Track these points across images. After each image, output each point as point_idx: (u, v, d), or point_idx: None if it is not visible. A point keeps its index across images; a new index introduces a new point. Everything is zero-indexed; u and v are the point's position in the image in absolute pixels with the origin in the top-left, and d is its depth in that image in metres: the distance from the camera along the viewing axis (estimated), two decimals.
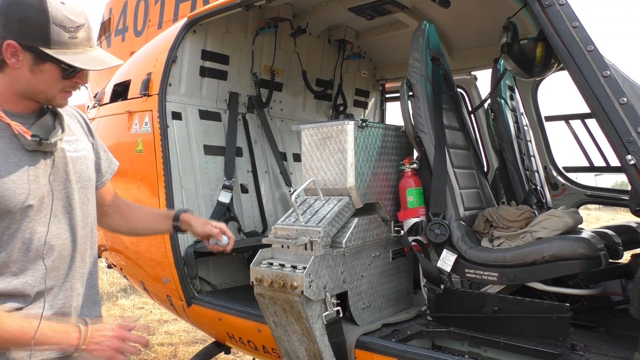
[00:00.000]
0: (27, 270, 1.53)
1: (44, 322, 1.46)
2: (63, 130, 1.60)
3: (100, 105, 4.03)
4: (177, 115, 3.44)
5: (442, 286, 2.43)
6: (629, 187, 2.00)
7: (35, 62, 1.46)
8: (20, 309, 1.52)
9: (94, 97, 4.28)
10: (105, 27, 5.19)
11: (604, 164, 3.94)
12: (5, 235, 1.49)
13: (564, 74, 2.19)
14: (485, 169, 4.10)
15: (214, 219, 3.42)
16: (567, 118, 4.09)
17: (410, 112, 2.67)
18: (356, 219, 2.41)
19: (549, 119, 4.22)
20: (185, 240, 3.33)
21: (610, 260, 2.50)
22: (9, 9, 1.44)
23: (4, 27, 1.44)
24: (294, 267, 2.17)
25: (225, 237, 2.05)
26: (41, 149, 1.53)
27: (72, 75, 1.52)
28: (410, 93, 2.70)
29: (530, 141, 3.75)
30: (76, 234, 1.65)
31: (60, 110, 1.64)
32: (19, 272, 1.52)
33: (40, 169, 1.55)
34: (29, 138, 1.49)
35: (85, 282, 1.71)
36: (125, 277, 4.33)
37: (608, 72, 1.95)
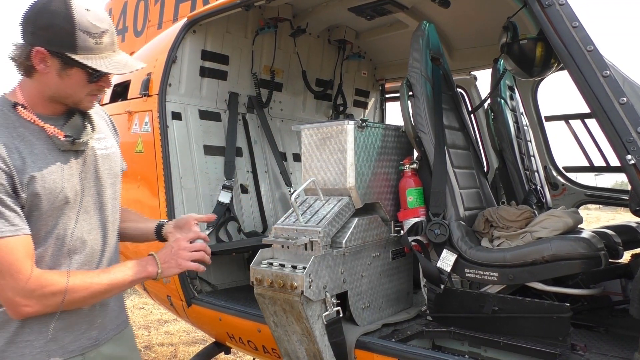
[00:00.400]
0: (62, 264, 1.63)
1: (121, 266, 1.67)
2: (93, 129, 1.69)
3: (100, 105, 4.03)
4: (177, 116, 3.44)
5: (442, 286, 2.42)
6: (629, 187, 2.00)
7: (62, 68, 1.52)
8: None
9: None
10: None
11: (604, 164, 3.94)
12: (42, 231, 1.58)
13: (564, 74, 2.19)
14: (485, 169, 4.10)
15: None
16: (567, 118, 4.10)
17: (410, 112, 2.67)
18: (356, 219, 2.41)
19: (548, 118, 4.22)
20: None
21: (610, 260, 2.50)
22: (37, 17, 1.50)
23: (32, 34, 1.50)
24: (294, 267, 2.17)
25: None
26: (74, 148, 1.62)
27: (98, 79, 1.58)
28: (410, 93, 2.70)
29: (530, 141, 3.75)
30: (107, 228, 1.75)
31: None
32: (53, 266, 1.61)
33: (73, 168, 1.64)
34: (63, 138, 1.58)
35: None
36: None
37: (608, 72, 1.95)
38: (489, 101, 3.50)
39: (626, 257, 2.82)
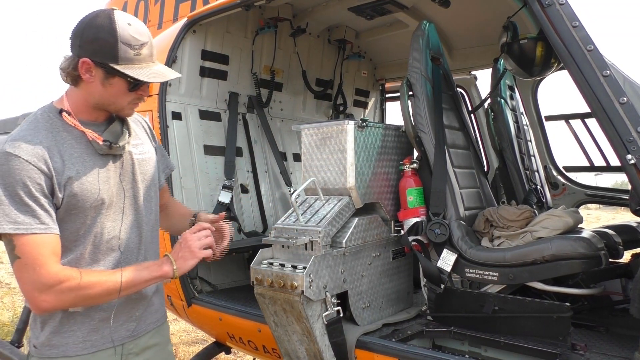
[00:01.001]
0: (100, 261, 1.74)
1: (136, 267, 1.73)
2: (130, 135, 1.81)
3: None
4: (177, 115, 3.44)
5: (442, 286, 2.43)
6: (629, 187, 2.00)
7: (105, 77, 1.65)
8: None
9: None
10: None
11: (604, 164, 3.94)
12: (81, 230, 1.70)
13: (564, 74, 2.19)
14: (485, 169, 4.10)
15: None
16: (567, 118, 4.10)
17: (410, 111, 2.67)
18: (356, 218, 2.41)
19: (549, 118, 4.22)
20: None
21: (610, 260, 2.50)
22: (84, 31, 1.64)
23: (79, 47, 1.64)
24: (294, 267, 2.17)
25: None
26: (111, 152, 1.74)
27: (137, 88, 1.71)
28: (410, 93, 2.70)
29: (530, 141, 3.75)
30: (142, 228, 1.85)
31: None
32: (92, 263, 1.73)
33: (111, 171, 1.76)
34: (101, 143, 1.70)
35: None
36: None
37: (608, 71, 1.95)
38: (489, 101, 3.50)
39: (626, 256, 2.81)
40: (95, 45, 1.62)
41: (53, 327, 1.71)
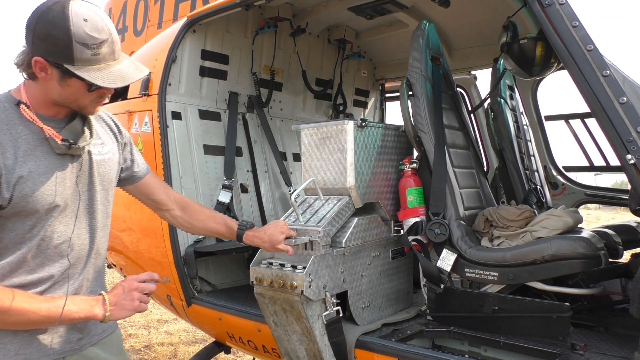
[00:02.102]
0: (45, 266, 1.62)
1: (68, 300, 1.57)
2: (92, 135, 1.67)
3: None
4: (176, 115, 3.44)
5: (442, 286, 2.43)
6: (629, 187, 2.00)
7: (62, 77, 1.52)
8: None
9: None
10: None
11: (603, 164, 3.94)
12: (28, 233, 1.57)
13: (564, 74, 2.19)
14: (485, 169, 4.10)
15: None
16: (567, 117, 4.09)
17: (410, 111, 2.67)
18: (356, 218, 2.41)
19: (548, 118, 4.22)
20: (185, 240, 3.33)
21: (610, 260, 2.50)
22: (35, 27, 1.48)
23: (32, 43, 1.50)
24: (294, 267, 2.17)
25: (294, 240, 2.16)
26: (70, 152, 1.61)
27: (97, 88, 1.56)
28: (410, 93, 2.70)
29: (530, 141, 3.75)
30: (95, 233, 1.74)
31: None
32: (36, 268, 1.60)
33: (67, 172, 1.63)
34: (59, 142, 1.56)
35: (97, 272, 1.81)
36: (125, 277, 4.33)
37: (608, 71, 1.95)
38: (488, 101, 3.50)
39: (626, 256, 2.82)
40: (48, 43, 1.47)
41: None
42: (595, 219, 17.15)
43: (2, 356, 1.54)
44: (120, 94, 3.79)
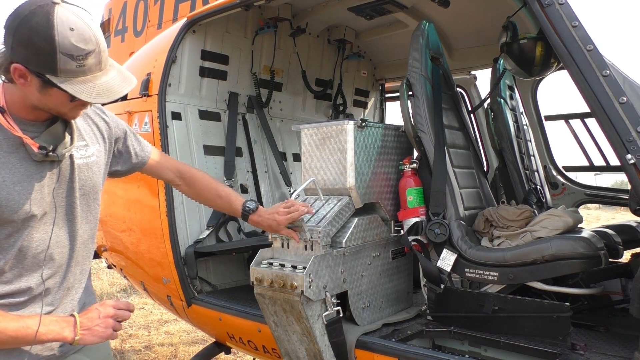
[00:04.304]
0: (23, 276, 1.56)
1: (40, 318, 1.49)
2: (72, 141, 1.59)
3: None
4: (176, 116, 3.44)
5: (442, 286, 2.43)
6: (629, 187, 2.00)
7: (42, 86, 1.43)
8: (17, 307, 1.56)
9: None
10: (104, 28, 5.19)
11: (603, 164, 3.94)
12: (5, 243, 1.51)
13: (564, 74, 2.19)
14: (485, 169, 4.10)
15: (214, 219, 3.44)
16: (566, 117, 4.10)
17: (410, 111, 2.67)
18: (356, 218, 2.41)
19: (548, 118, 4.22)
20: (186, 241, 3.33)
21: (610, 260, 2.50)
22: (16, 31, 1.37)
23: (12, 49, 1.39)
24: (294, 267, 2.17)
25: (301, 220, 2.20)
26: (47, 159, 1.54)
27: (79, 99, 1.47)
28: (410, 93, 2.70)
29: (530, 140, 3.75)
30: (75, 241, 1.67)
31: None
32: (13, 279, 1.54)
33: (45, 178, 1.56)
34: (36, 150, 1.49)
35: (80, 280, 1.75)
36: (125, 277, 4.33)
37: (607, 71, 1.95)
38: (488, 101, 3.50)
39: (626, 256, 2.82)
40: (30, 51, 1.36)
41: None
42: (595, 219, 17.15)
43: None
44: None
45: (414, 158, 2.70)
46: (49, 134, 1.53)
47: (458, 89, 3.85)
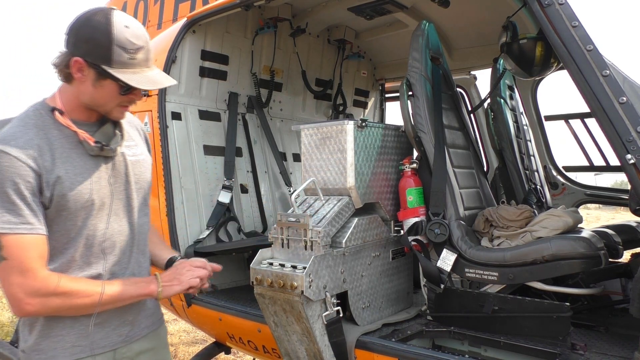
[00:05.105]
0: (92, 263, 1.72)
1: (127, 280, 1.75)
2: (123, 138, 1.78)
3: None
4: (176, 116, 3.44)
5: (442, 286, 2.43)
6: (629, 187, 2.00)
7: (97, 78, 1.61)
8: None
9: None
10: None
11: (603, 164, 3.94)
12: (72, 232, 1.67)
13: (564, 74, 2.19)
14: (485, 169, 4.10)
15: (214, 219, 3.44)
16: (566, 117, 4.10)
17: (410, 111, 2.67)
18: (356, 218, 2.41)
19: (548, 118, 4.22)
20: (185, 240, 3.33)
21: (610, 260, 2.50)
22: (79, 30, 1.60)
23: (73, 45, 1.60)
24: (294, 267, 2.16)
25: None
26: (103, 154, 1.71)
27: (128, 92, 1.67)
28: (410, 93, 2.70)
29: (530, 140, 3.75)
30: (134, 231, 1.83)
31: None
32: (84, 266, 1.70)
33: (102, 172, 1.73)
34: (92, 144, 1.67)
35: (143, 267, 1.91)
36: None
37: (607, 71, 1.95)
38: (488, 101, 3.50)
39: (626, 256, 2.82)
40: (89, 45, 1.58)
41: (40, 330, 1.67)
42: (595, 219, 17.16)
43: (60, 347, 1.66)
44: None
45: (414, 158, 2.70)
46: (101, 132, 1.73)
47: (458, 89, 3.85)
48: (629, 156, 1.86)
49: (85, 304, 1.64)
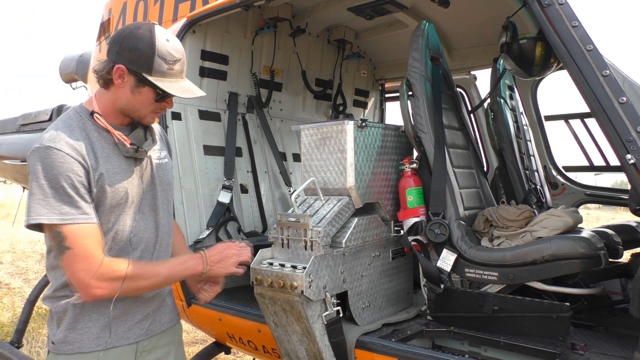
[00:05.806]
0: (120, 257, 1.81)
1: (177, 260, 1.92)
2: (154, 141, 1.94)
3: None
4: (176, 116, 3.44)
5: (442, 286, 2.43)
6: (629, 187, 2.00)
7: (136, 85, 1.77)
8: None
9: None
10: (104, 28, 5.19)
11: (603, 164, 3.94)
12: (105, 226, 1.79)
13: (564, 74, 2.19)
14: (485, 169, 4.10)
15: (214, 219, 3.44)
16: (566, 117, 4.10)
17: (410, 111, 2.67)
18: (356, 218, 2.41)
19: (548, 118, 4.22)
20: (185, 240, 3.32)
21: (610, 260, 2.50)
22: (124, 40, 1.75)
23: (117, 53, 1.75)
24: (294, 267, 2.17)
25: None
26: (136, 155, 1.85)
27: (163, 99, 1.83)
28: (410, 93, 2.70)
29: (530, 140, 3.75)
30: (159, 229, 1.96)
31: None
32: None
33: (134, 172, 1.87)
34: (128, 146, 1.82)
35: None
36: None
37: (607, 71, 1.95)
38: (488, 101, 3.50)
39: (626, 256, 2.82)
40: (133, 54, 1.73)
41: (68, 323, 1.79)
42: (595, 219, 17.15)
43: (86, 338, 1.78)
44: None
45: (414, 158, 2.70)
46: (134, 136, 1.87)
47: (458, 89, 3.85)
48: (629, 156, 1.86)
49: (149, 285, 1.80)
